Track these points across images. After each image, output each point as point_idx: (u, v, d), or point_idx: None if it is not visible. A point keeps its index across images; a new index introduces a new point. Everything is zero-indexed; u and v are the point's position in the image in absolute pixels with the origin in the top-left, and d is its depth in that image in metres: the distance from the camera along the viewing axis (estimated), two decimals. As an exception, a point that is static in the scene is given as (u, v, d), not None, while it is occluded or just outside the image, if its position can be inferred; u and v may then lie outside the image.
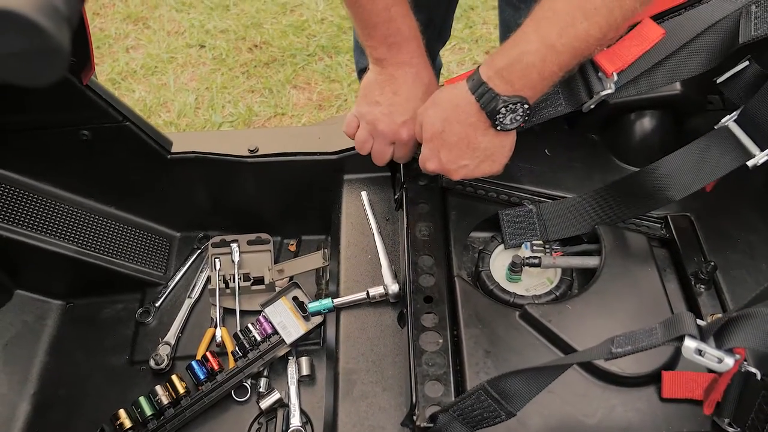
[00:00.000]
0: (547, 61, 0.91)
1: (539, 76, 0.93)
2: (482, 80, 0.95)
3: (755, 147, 1.00)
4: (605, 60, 1.00)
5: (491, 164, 1.05)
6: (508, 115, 0.96)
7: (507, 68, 0.93)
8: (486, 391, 0.83)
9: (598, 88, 1.01)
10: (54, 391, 1.30)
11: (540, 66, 0.91)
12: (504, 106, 0.94)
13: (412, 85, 1.09)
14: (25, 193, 1.33)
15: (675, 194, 1.04)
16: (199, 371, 1.24)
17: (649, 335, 0.78)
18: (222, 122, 2.57)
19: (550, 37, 0.90)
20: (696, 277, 1.04)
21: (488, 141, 1.01)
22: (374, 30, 1.06)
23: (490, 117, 0.96)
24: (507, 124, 0.97)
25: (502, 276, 1.12)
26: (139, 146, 1.30)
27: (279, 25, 2.91)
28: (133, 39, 2.89)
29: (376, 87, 1.10)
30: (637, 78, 1.02)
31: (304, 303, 1.28)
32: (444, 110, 1.00)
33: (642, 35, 1.00)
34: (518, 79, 0.93)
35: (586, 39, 0.90)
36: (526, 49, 0.91)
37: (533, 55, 0.91)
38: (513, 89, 0.93)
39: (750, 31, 0.92)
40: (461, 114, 0.98)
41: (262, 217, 1.44)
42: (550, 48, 0.90)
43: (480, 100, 0.95)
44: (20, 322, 1.39)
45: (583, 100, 1.04)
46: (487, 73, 0.95)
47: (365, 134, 1.12)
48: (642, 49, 0.99)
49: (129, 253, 1.42)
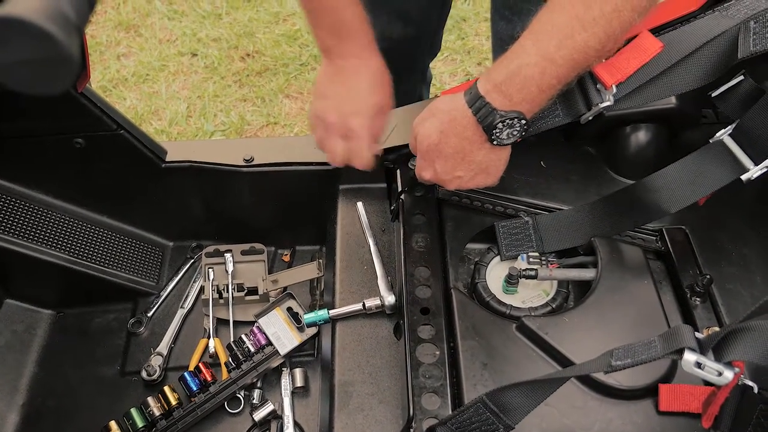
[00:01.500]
0: (546, 73, 0.91)
1: (538, 89, 0.92)
2: (480, 94, 0.94)
3: (749, 161, 1.00)
4: (604, 72, 0.99)
5: (486, 177, 1.04)
6: (505, 130, 0.95)
7: (505, 82, 0.92)
8: (485, 404, 0.83)
9: (597, 100, 1.00)
10: (44, 402, 1.29)
11: (539, 79, 0.91)
12: (501, 121, 0.93)
13: (359, 78, 1.08)
14: (16, 201, 1.32)
15: (670, 207, 1.04)
16: (191, 382, 1.23)
17: (648, 348, 0.78)
18: (214, 131, 2.56)
19: (549, 50, 0.90)
20: (691, 290, 1.04)
21: (484, 155, 1.00)
22: (319, 18, 1.05)
23: (486, 132, 0.96)
24: (504, 139, 0.96)
25: (499, 288, 1.13)
26: (134, 155, 1.29)
27: (272, 34, 2.91)
28: (124, 47, 2.88)
29: (325, 80, 1.10)
30: (636, 90, 1.01)
31: (298, 314, 1.27)
32: (441, 122, 1.00)
33: (641, 48, 0.99)
34: (517, 92, 0.92)
35: (585, 50, 0.90)
36: (525, 62, 0.91)
37: (532, 68, 0.90)
38: (511, 103, 0.93)
39: (749, 47, 0.93)
40: (458, 127, 0.98)
41: (256, 227, 1.44)
42: (549, 60, 0.90)
43: (477, 114, 0.95)
44: (9, 332, 1.37)
45: (581, 111, 1.03)
46: (485, 87, 0.94)
47: (321, 131, 1.12)
48: (641, 62, 0.99)
49: (121, 263, 1.40)
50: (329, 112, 1.09)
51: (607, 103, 1.00)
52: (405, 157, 1.23)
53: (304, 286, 1.36)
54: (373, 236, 1.21)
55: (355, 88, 1.08)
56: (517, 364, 1.00)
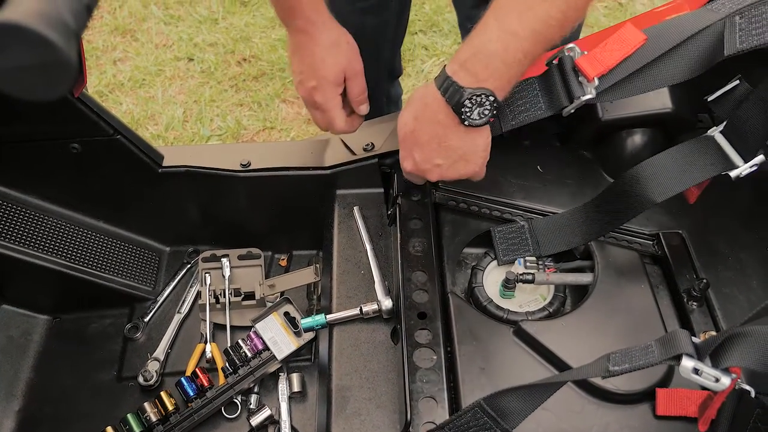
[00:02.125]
0: (510, 48, 0.90)
1: (503, 64, 0.91)
2: (447, 75, 0.94)
3: (739, 158, 0.99)
4: (587, 64, 0.97)
5: (465, 164, 1.03)
6: (474, 109, 0.94)
7: (470, 59, 0.92)
8: (482, 409, 0.83)
9: (579, 93, 0.98)
10: (40, 407, 1.28)
11: (503, 54, 0.90)
12: (469, 98, 0.92)
13: (314, 50, 1.09)
14: (12, 206, 1.31)
15: (657, 196, 1.01)
16: (188, 387, 1.23)
17: (646, 353, 0.78)
18: (210, 135, 2.56)
19: (511, 24, 0.89)
20: (688, 294, 1.04)
21: (459, 139, 0.99)
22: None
23: (456, 111, 0.95)
24: (475, 119, 0.95)
25: (496, 292, 1.13)
26: (130, 160, 1.29)
27: (268, 39, 2.91)
28: (120, 51, 2.88)
29: (291, 56, 1.13)
30: (619, 83, 0.99)
31: (295, 318, 1.27)
32: (415, 109, 1.00)
33: (624, 40, 0.97)
34: (482, 69, 0.92)
35: (546, 21, 0.89)
36: (488, 38, 0.91)
37: (495, 43, 0.90)
38: (477, 81, 0.92)
39: (735, 44, 0.91)
40: (429, 112, 0.98)
41: (253, 232, 1.43)
42: (512, 34, 0.89)
43: (445, 95, 0.94)
44: (5, 337, 1.36)
45: (563, 104, 1.00)
46: (452, 67, 0.94)
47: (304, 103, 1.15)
48: (624, 54, 0.97)
49: (117, 268, 1.40)
50: (298, 87, 1.13)
51: (589, 96, 0.97)
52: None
53: (301, 290, 1.36)
54: (370, 241, 1.21)
55: (312, 60, 1.10)
56: (515, 368, 1.00)
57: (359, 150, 1.27)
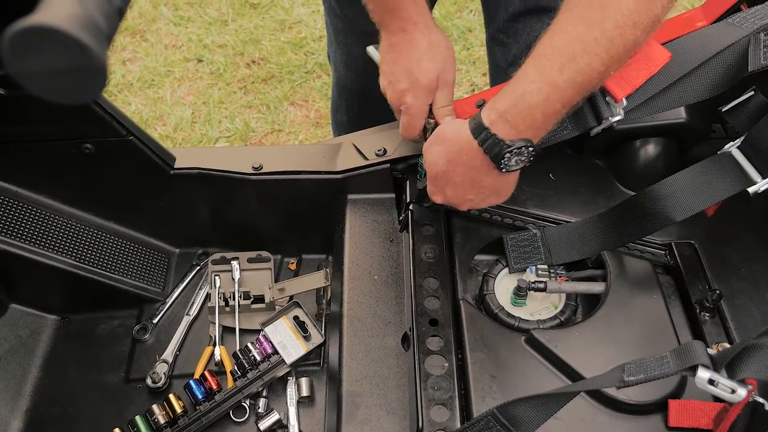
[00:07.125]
0: (551, 99, 0.89)
1: (543, 115, 0.90)
2: (485, 125, 0.92)
3: (757, 174, 1.00)
4: (614, 85, 0.98)
5: (497, 197, 1.04)
6: (513, 158, 0.93)
7: (510, 110, 0.91)
8: (495, 417, 0.83)
9: (608, 113, 0.99)
10: (47, 408, 1.28)
11: (543, 105, 0.89)
12: (509, 151, 0.92)
13: (410, 52, 1.07)
14: (22, 206, 1.31)
15: (676, 215, 1.03)
16: (197, 390, 1.23)
17: (661, 364, 0.78)
18: (219, 137, 2.56)
19: (552, 75, 0.88)
20: (701, 305, 1.04)
21: (493, 180, 0.99)
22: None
23: (494, 161, 0.94)
24: (512, 165, 0.95)
25: (507, 300, 1.12)
26: (142, 161, 1.29)
27: (277, 41, 2.91)
28: (130, 52, 2.89)
29: (384, 56, 1.11)
30: (645, 102, 1.00)
31: (305, 323, 1.27)
32: (448, 151, 0.99)
33: (649, 58, 0.98)
34: (522, 120, 0.90)
35: (588, 73, 0.88)
36: (528, 88, 0.89)
37: (536, 94, 0.89)
38: (517, 132, 0.91)
39: (759, 60, 0.92)
40: (465, 158, 0.97)
41: (263, 235, 1.43)
42: (553, 86, 0.88)
43: (483, 145, 0.93)
44: (14, 336, 1.36)
45: (590, 125, 1.02)
46: (490, 117, 0.92)
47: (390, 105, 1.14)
48: (649, 73, 0.98)
49: (127, 269, 1.40)
50: (387, 90, 1.11)
51: (618, 117, 0.99)
52: (414, 167, 1.23)
53: (311, 294, 1.36)
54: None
55: (407, 62, 1.07)
56: (526, 376, 0.99)
57: (371, 155, 1.27)
